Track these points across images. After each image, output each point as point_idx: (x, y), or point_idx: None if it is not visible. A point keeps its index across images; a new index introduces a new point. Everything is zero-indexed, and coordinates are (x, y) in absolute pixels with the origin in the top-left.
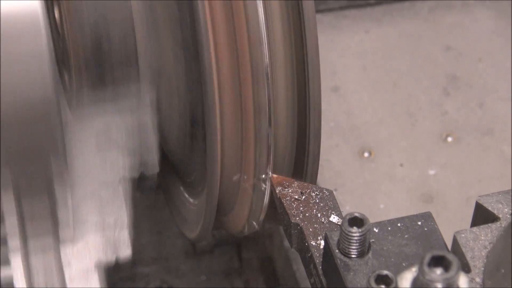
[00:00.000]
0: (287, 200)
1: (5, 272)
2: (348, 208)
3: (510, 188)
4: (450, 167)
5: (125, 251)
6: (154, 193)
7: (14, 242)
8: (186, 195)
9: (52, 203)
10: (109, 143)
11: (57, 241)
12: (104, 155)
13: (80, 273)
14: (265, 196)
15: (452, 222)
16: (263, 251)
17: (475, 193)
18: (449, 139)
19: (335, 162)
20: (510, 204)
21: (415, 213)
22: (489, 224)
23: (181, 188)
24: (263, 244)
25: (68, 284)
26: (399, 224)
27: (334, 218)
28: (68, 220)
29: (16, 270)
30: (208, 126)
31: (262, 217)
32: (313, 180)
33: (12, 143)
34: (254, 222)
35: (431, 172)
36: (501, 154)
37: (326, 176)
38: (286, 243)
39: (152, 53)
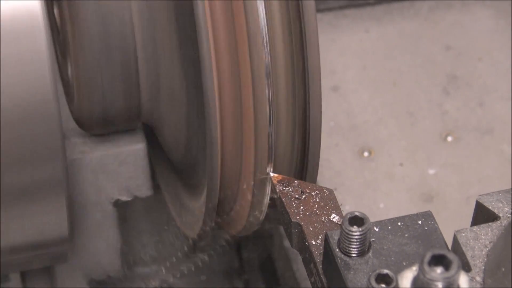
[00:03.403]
0: (287, 199)
1: None
2: (348, 207)
3: (510, 187)
4: (450, 166)
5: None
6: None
7: None
8: (186, 195)
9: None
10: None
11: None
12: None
13: None
14: (265, 196)
15: (452, 222)
16: (263, 251)
17: (475, 193)
18: (449, 138)
19: (335, 162)
20: (510, 203)
21: (415, 213)
22: (489, 223)
23: (181, 187)
24: (263, 244)
25: None
26: (399, 223)
27: (334, 217)
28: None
29: None
30: (209, 126)
31: (262, 217)
32: (313, 180)
33: (11, 144)
34: (254, 222)
35: (431, 171)
36: (501, 154)
37: (326, 175)
38: (286, 243)
39: (150, 50)
